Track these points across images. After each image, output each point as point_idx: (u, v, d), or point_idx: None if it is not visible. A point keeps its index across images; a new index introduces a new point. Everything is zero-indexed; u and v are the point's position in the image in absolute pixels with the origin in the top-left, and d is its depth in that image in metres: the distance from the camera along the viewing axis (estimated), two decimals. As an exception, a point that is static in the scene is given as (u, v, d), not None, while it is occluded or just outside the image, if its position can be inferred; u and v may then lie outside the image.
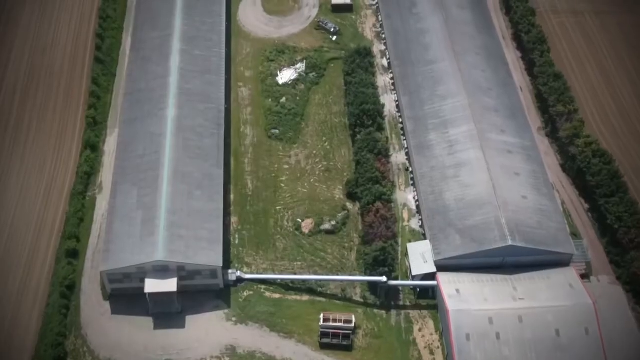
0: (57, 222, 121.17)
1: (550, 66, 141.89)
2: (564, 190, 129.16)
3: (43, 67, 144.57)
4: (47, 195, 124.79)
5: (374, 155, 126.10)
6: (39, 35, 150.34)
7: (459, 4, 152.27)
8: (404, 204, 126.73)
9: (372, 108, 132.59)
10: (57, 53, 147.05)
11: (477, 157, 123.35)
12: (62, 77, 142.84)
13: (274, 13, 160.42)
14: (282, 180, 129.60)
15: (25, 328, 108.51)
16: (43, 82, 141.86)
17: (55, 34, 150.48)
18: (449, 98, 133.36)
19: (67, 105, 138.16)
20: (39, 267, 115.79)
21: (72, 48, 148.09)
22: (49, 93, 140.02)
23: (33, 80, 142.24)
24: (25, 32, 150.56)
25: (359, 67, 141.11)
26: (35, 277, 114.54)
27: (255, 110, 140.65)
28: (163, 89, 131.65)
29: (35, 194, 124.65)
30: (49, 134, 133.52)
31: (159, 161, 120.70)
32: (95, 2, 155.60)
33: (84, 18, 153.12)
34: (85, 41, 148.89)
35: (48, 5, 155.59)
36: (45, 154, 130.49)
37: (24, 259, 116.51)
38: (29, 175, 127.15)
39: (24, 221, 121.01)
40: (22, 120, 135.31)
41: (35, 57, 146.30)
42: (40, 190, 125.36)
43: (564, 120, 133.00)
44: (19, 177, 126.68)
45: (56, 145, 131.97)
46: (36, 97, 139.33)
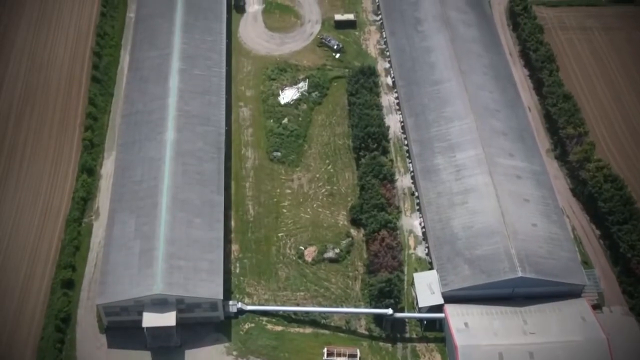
0: (52, 250, 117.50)
1: (559, 86, 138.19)
2: (574, 215, 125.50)
3: (39, 87, 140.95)
4: (42, 221, 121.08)
5: (378, 181, 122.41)
6: (34, 53, 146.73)
7: (465, 21, 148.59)
8: (409, 230, 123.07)
9: (377, 131, 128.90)
10: (54, 72, 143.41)
11: (485, 182, 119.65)
12: (59, 97, 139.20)
13: (275, 29, 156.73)
14: (284, 206, 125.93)
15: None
16: (39, 103, 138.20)
17: (52, 52, 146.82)
18: (455, 120, 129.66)
19: (63, 126, 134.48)
20: (33, 297, 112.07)
21: (68, 66, 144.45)
22: (45, 114, 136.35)
23: (28, 100, 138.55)
24: (20, 49, 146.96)
25: (363, 87, 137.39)
26: (29, 309, 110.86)
27: (257, 131, 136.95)
28: (162, 111, 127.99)
29: (30, 221, 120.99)
30: (45, 157, 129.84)
31: (158, 188, 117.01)
32: (93, 19, 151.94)
33: (81, 35, 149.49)
34: (82, 59, 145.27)
35: (44, 22, 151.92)
36: (40, 178, 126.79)
37: (17, 289, 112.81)
38: (24, 201, 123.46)
39: (18, 249, 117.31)
40: (17, 143, 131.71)
41: (31, 76, 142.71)
42: (35, 216, 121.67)
43: (574, 143, 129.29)
44: (13, 202, 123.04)
45: (52, 169, 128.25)
46: (31, 118, 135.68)
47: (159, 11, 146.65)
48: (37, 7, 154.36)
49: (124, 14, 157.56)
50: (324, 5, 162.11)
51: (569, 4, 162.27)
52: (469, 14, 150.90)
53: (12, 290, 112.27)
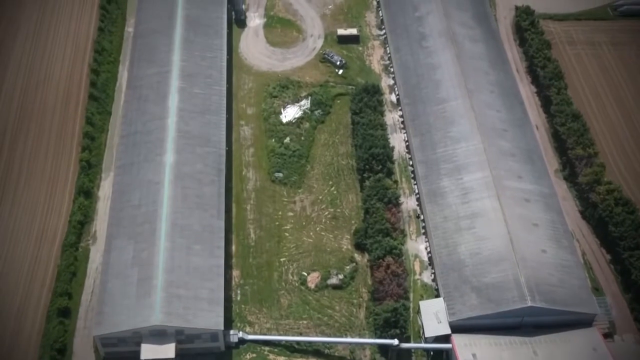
0: (48, 277, 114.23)
1: (568, 105, 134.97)
2: (583, 239, 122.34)
3: (35, 104, 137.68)
4: (38, 246, 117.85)
5: (383, 204, 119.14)
6: (31, 70, 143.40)
7: (471, 36, 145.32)
8: (415, 254, 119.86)
9: (382, 152, 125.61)
10: (50, 89, 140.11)
11: (493, 207, 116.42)
12: (55, 116, 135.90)
13: (277, 45, 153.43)
14: (287, 229, 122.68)
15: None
16: (35, 121, 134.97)
17: (48, 69, 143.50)
18: (462, 141, 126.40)
19: (59, 146, 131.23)
20: (28, 326, 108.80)
21: (65, 83, 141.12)
22: (41, 133, 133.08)
23: (24, 118, 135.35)
24: (16, 66, 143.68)
25: (367, 106, 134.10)
26: (24, 338, 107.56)
27: (258, 151, 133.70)
28: (161, 132, 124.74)
29: (26, 245, 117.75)
30: (41, 178, 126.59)
31: (156, 212, 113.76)
32: (90, 35, 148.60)
33: (78, 51, 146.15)
34: (80, 76, 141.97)
35: (41, 38, 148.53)
36: (36, 200, 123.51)
37: (12, 317, 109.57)
38: (19, 225, 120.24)
39: (13, 275, 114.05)
40: (13, 164, 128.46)
41: (27, 94, 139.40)
42: (30, 240, 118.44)
43: (583, 164, 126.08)
44: (8, 226, 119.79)
45: (48, 190, 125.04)
46: (27, 138, 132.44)
47: (158, 27, 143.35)
48: (34, 22, 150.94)
49: (122, 28, 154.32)
50: (327, 20, 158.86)
51: (577, 18, 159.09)
52: (474, 29, 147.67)
53: (6, 319, 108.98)
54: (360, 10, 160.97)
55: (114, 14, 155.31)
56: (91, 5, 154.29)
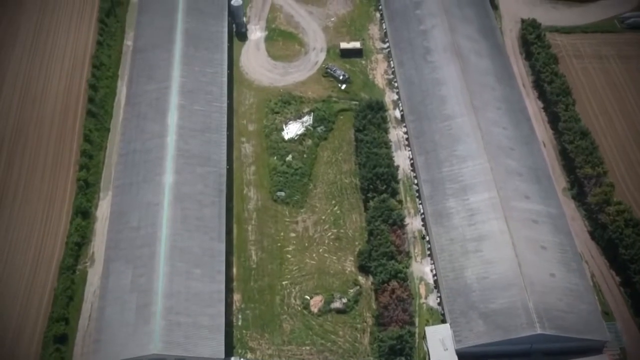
0: (44, 301, 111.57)
1: (576, 121, 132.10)
2: (593, 260, 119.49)
3: (32, 121, 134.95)
4: (34, 269, 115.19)
5: (388, 226, 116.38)
6: (28, 85, 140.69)
7: (476, 51, 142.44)
8: (420, 277, 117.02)
9: (386, 172, 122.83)
10: (47, 105, 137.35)
11: (500, 229, 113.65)
12: (52, 132, 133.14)
13: (278, 58, 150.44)
14: (289, 251, 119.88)
15: None
16: (32, 138, 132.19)
17: (46, 84, 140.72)
18: (468, 160, 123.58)
19: (57, 164, 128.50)
20: (23, 353, 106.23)
21: (63, 99, 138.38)
22: (38, 151, 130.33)
23: (21, 135, 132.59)
24: (13, 81, 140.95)
25: (370, 123, 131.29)
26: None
27: (260, 169, 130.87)
28: (160, 151, 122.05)
29: (22, 268, 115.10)
30: (38, 197, 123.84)
31: (156, 235, 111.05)
32: (88, 49, 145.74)
33: (76, 66, 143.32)
34: (78, 92, 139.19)
35: (38, 52, 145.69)
36: (32, 221, 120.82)
37: (7, 343, 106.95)
38: (15, 246, 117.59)
39: (8, 299, 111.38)
40: (9, 182, 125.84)
41: (24, 110, 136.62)
42: (26, 263, 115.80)
43: (592, 183, 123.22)
44: (4, 248, 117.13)
45: (45, 210, 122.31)
46: (24, 155, 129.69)
47: (157, 41, 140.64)
48: (31, 36, 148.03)
49: (121, 42, 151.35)
50: (329, 32, 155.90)
51: (584, 31, 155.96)
52: (480, 43, 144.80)
53: (1, 345, 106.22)
54: (363, 22, 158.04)
55: (113, 27, 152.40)
56: (89, 18, 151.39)
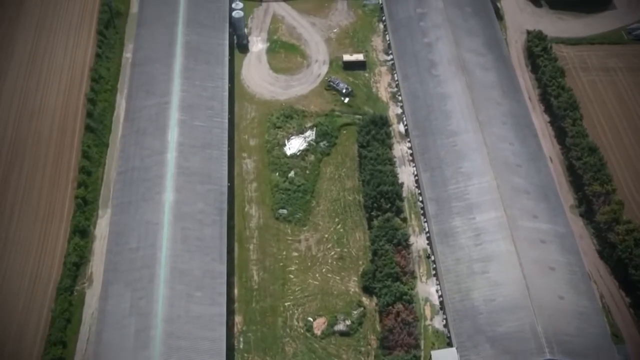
0: (41, 323, 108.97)
1: (583, 137, 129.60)
2: (601, 280, 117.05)
3: (29, 136, 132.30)
4: (31, 290, 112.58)
5: (392, 246, 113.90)
6: (25, 99, 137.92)
7: (482, 64, 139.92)
8: (425, 298, 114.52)
9: (390, 190, 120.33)
10: (45, 120, 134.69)
11: (507, 249, 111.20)
12: (50, 148, 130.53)
13: (280, 71, 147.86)
14: (291, 270, 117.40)
15: None
16: (29, 154, 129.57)
17: (43, 98, 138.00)
18: (474, 177, 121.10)
19: (54, 181, 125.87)
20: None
21: (61, 113, 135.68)
22: (36, 167, 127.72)
23: (18, 151, 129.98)
24: (9, 95, 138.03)
25: (374, 139, 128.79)
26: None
27: (261, 185, 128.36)
28: (160, 168, 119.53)
29: (18, 290, 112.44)
30: (35, 216, 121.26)
31: (155, 256, 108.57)
32: (87, 62, 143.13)
33: (75, 79, 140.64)
34: (76, 106, 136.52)
35: (36, 65, 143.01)
36: (29, 240, 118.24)
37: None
38: (11, 266, 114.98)
39: (4, 321, 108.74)
40: (5, 200, 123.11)
41: (21, 125, 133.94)
42: (23, 284, 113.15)
43: (601, 201, 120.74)
44: (0, 268, 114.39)
45: (42, 229, 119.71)
46: (21, 172, 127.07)
47: (157, 54, 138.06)
48: (29, 48, 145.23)
49: (120, 54, 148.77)
50: (332, 44, 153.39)
51: (590, 42, 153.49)
52: (486, 56, 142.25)
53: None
54: (366, 34, 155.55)
55: (112, 39, 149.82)
56: (88, 30, 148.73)
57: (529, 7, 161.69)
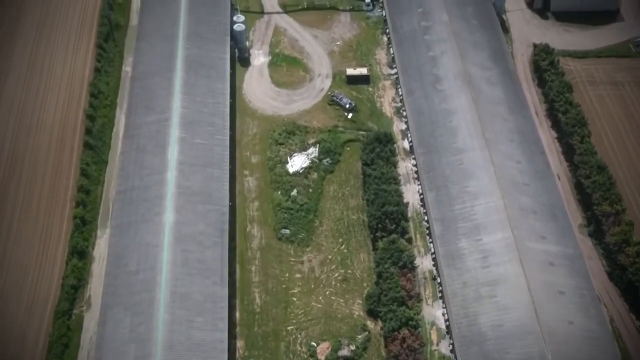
0: (39, 348, 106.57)
1: (592, 155, 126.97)
2: (611, 303, 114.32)
3: (27, 153, 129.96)
4: (29, 314, 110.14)
5: (398, 269, 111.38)
6: (23, 114, 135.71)
7: (488, 79, 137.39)
8: (432, 322, 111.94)
9: (395, 210, 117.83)
10: (43, 136, 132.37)
11: (515, 272, 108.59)
12: (48, 166, 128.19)
13: (282, 85, 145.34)
14: (294, 293, 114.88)
15: None
16: (26, 172, 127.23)
17: (42, 113, 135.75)
18: (481, 196, 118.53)
19: (52, 200, 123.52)
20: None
21: (59, 129, 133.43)
22: (33, 185, 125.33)
23: (15, 169, 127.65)
24: (7, 111, 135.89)
25: (379, 157, 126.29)
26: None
27: (263, 204, 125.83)
28: (160, 188, 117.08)
29: (15, 313, 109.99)
30: (32, 236, 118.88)
31: (155, 280, 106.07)
32: (86, 76, 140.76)
33: (73, 94, 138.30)
34: (75, 122, 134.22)
35: (33, 79, 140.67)
36: (27, 261, 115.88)
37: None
38: (8, 289, 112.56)
39: (0, 346, 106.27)
40: (2, 220, 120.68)
41: (18, 141, 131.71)
42: (20, 307, 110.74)
43: (610, 222, 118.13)
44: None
45: (39, 250, 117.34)
46: (18, 190, 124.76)
47: (157, 68, 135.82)
48: (27, 62, 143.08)
49: (119, 68, 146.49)
50: (335, 57, 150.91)
51: (597, 55, 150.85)
52: (492, 70, 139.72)
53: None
54: (369, 46, 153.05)
55: (111, 52, 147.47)
56: (87, 43, 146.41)
57: (535, 19, 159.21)
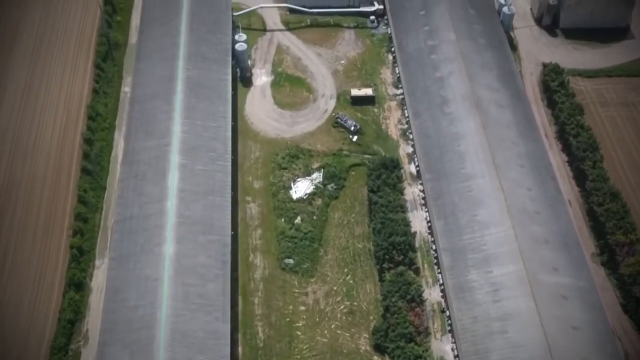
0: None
1: (604, 181, 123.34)
2: (625, 337, 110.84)
3: (23, 178, 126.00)
4: (24, 349, 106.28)
5: (406, 303, 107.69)
6: (19, 138, 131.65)
7: (497, 101, 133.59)
8: (440, 357, 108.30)
9: (403, 240, 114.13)
10: (40, 161, 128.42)
11: (527, 307, 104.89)
12: (45, 192, 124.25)
13: (285, 106, 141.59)
14: (298, 327, 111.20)
15: None
16: (22, 199, 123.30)
17: (38, 137, 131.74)
18: (491, 226, 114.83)
19: (48, 229, 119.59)
20: None
21: (56, 154, 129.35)
22: (29, 213, 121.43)
23: (11, 195, 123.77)
24: (2, 134, 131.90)
25: (385, 184, 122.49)
26: None
27: (266, 233, 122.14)
28: (159, 217, 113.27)
29: (10, 349, 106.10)
30: (28, 267, 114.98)
31: (155, 316, 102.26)
32: (84, 98, 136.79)
33: (71, 117, 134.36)
34: (72, 146, 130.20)
35: (30, 101, 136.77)
36: (22, 294, 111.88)
37: None
38: (2, 324, 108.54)
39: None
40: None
41: (14, 166, 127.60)
42: (15, 343, 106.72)
43: (624, 252, 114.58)
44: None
45: (35, 282, 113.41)
46: (14, 219, 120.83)
47: (156, 90, 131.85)
48: (23, 84, 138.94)
49: (118, 88, 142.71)
50: (339, 77, 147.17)
51: (608, 74, 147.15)
52: (500, 92, 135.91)
53: None
54: (374, 65, 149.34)
55: (110, 72, 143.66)
56: (85, 63, 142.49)
57: (543, 37, 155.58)
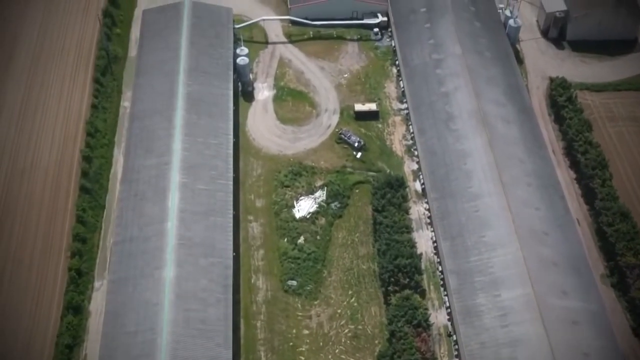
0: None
1: (614, 200, 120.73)
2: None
3: (20, 198, 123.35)
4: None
5: (412, 328, 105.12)
6: (16, 155, 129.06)
7: (503, 117, 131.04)
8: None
9: (409, 263, 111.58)
10: (37, 179, 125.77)
11: (537, 332, 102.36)
12: (42, 212, 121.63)
13: (288, 121, 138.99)
14: (302, 351, 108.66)
15: None
16: (19, 219, 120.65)
17: (36, 154, 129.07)
18: (498, 247, 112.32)
19: (46, 250, 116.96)
20: None
21: (54, 172, 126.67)
22: (27, 234, 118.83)
23: (8, 215, 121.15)
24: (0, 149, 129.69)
25: (390, 204, 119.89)
26: None
27: (269, 253, 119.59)
28: (159, 239, 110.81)
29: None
30: (25, 290, 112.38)
31: (155, 342, 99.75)
32: (83, 113, 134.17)
33: (69, 133, 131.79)
34: (70, 163, 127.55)
35: (27, 117, 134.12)
36: (19, 317, 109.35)
37: None
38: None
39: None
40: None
41: (11, 185, 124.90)
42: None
43: (635, 274, 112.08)
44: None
45: (32, 306, 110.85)
46: (11, 239, 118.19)
47: (156, 107, 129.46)
48: (20, 99, 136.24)
49: (117, 103, 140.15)
50: (342, 91, 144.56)
51: (616, 88, 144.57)
52: (507, 107, 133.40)
53: None
54: (378, 79, 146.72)
55: (109, 87, 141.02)
56: (84, 78, 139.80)
57: (550, 50, 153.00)
